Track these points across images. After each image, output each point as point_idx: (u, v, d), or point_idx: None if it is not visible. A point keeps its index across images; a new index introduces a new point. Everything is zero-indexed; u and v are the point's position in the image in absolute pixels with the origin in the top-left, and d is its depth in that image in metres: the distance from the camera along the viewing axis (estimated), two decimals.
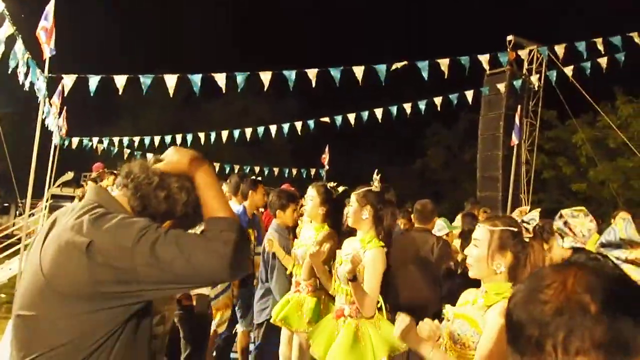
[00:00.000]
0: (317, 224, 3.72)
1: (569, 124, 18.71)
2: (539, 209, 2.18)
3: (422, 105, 10.76)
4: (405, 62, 8.80)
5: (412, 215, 5.43)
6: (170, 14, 34.70)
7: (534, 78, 12.45)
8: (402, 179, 24.21)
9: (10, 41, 6.42)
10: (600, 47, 9.67)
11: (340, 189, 3.87)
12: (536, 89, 12.87)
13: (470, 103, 10.90)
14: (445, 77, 8.89)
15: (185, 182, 1.48)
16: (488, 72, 11.95)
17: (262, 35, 39.56)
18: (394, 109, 10.89)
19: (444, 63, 8.96)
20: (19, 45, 6.69)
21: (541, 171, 19.52)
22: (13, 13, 6.26)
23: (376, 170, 3.05)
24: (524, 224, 2.00)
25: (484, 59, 9.53)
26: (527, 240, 1.97)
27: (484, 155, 12.80)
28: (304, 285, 3.65)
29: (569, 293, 0.76)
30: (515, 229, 1.99)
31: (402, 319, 1.99)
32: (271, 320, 3.80)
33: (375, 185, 2.97)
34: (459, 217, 5.40)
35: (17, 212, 17.77)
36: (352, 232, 3.15)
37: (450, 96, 10.57)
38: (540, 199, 19.19)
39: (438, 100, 10.67)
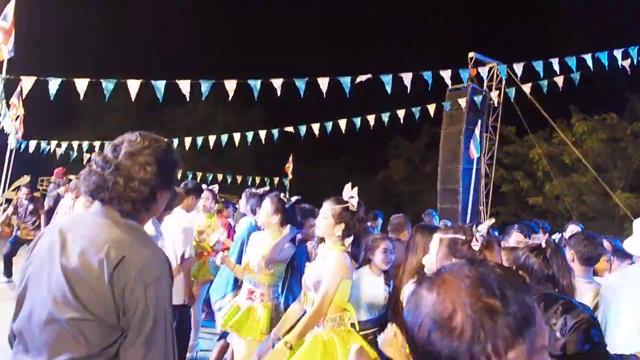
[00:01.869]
0: (273, 232, 3.76)
1: (527, 139, 19.32)
2: (492, 220, 2.25)
3: (385, 117, 10.94)
4: (369, 75, 8.95)
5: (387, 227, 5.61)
6: (135, 18, 34.14)
7: (494, 94, 12.84)
8: (364, 190, 24.35)
9: None
10: (556, 67, 10.07)
11: (293, 199, 3.93)
12: (496, 105, 13.25)
13: (433, 117, 11.17)
14: (409, 91, 9.09)
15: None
16: (450, 87, 12.27)
17: (227, 44, 39.40)
18: (357, 121, 11.03)
19: (407, 77, 9.16)
20: None
21: (500, 185, 20.10)
22: None
23: (350, 185, 2.99)
24: (476, 234, 2.06)
25: (446, 74, 9.79)
26: (476, 248, 2.03)
27: (444, 169, 13.09)
28: (257, 294, 3.67)
29: (473, 308, 0.79)
30: (464, 237, 2.05)
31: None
32: (220, 326, 3.82)
33: (352, 204, 2.93)
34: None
35: None
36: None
37: (413, 109, 10.79)
38: (498, 212, 19.70)
39: (401, 113, 10.87)
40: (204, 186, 5.39)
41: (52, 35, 26.40)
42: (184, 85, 7.80)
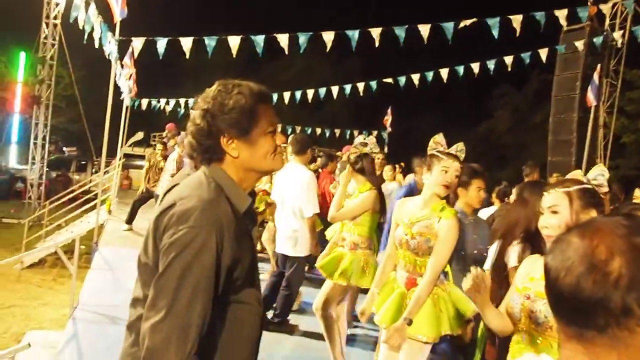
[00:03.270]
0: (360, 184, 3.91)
1: None
2: (601, 164, 2.07)
3: (491, 65, 10.27)
4: (474, 19, 8.37)
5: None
6: None
7: (617, 34, 11.55)
8: (466, 142, 23.48)
9: (85, 6, 6.65)
10: None
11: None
12: (619, 46, 11.96)
13: (545, 62, 10.28)
14: (518, 34, 8.39)
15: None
16: (565, 28, 11.18)
17: None
18: (460, 69, 10.46)
19: (516, 20, 8.45)
20: (92, 10, 6.92)
21: (620, 135, 18.33)
22: None
23: (440, 136, 2.83)
24: (593, 182, 1.92)
25: (562, 14, 8.89)
26: (603, 196, 1.90)
27: (557, 118, 12.10)
28: (348, 242, 3.84)
29: (632, 255, 0.77)
30: (591, 186, 1.90)
31: (474, 273, 1.96)
32: (316, 265, 4.07)
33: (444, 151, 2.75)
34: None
35: (93, 170, 18.82)
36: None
37: (522, 55, 10.00)
38: (618, 165, 18.11)
39: (509, 59, 10.13)
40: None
41: None
42: (283, 39, 7.81)
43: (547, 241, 1.90)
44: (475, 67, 10.36)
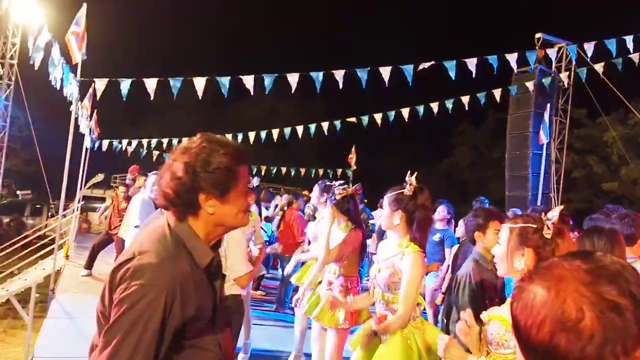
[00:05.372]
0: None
1: (600, 122, 18.32)
2: (561, 206, 2.19)
3: (449, 104, 10.66)
4: (432, 62, 8.73)
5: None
6: (197, 19, 35.08)
7: (564, 75, 12.21)
8: (429, 179, 24.06)
9: (47, 47, 6.59)
10: (630, 45, 9.46)
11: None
12: (565, 86, 12.63)
13: (499, 102, 10.76)
14: (473, 76, 8.79)
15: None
16: (516, 70, 11.78)
17: (289, 37, 39.69)
18: (420, 109, 10.81)
19: (471, 62, 8.86)
20: (56, 51, 6.86)
21: (571, 170, 19.14)
22: (50, 20, 6.44)
23: (409, 171, 2.90)
24: (546, 221, 1.99)
25: (512, 57, 9.38)
26: (548, 236, 1.96)
27: (512, 155, 12.60)
28: (336, 285, 3.73)
29: (600, 307, 0.76)
30: (535, 226, 1.99)
31: (442, 339, 2.04)
32: (304, 313, 3.97)
33: (408, 188, 2.85)
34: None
35: (49, 214, 18.18)
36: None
37: (478, 95, 10.45)
38: (570, 199, 18.82)
39: (465, 99, 10.56)
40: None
41: (122, 38, 27.57)
42: (248, 80, 7.92)
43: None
44: (435, 106, 10.74)
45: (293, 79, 8.10)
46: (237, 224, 1.58)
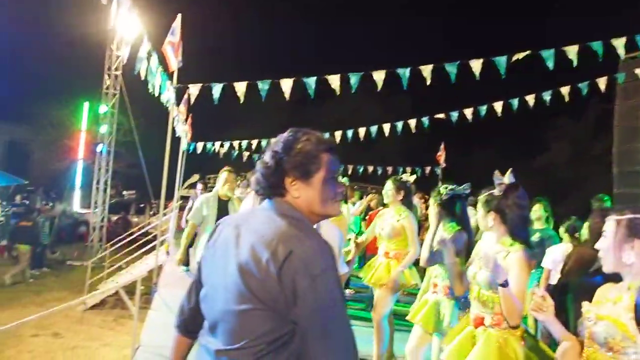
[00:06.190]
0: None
1: None
2: None
3: (547, 96, 10.02)
4: (528, 52, 8.23)
5: None
6: (282, 21, 35.93)
7: None
8: (522, 176, 22.84)
9: (147, 57, 7.01)
10: None
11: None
12: None
13: (603, 92, 9.93)
14: (575, 65, 8.17)
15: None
16: (623, 56, 10.84)
17: (376, 35, 39.54)
18: (515, 102, 10.26)
19: (572, 51, 8.24)
20: (154, 61, 7.28)
21: None
22: (149, 31, 6.84)
23: (497, 171, 2.86)
24: None
25: (619, 42, 8.61)
26: None
27: (621, 149, 11.62)
28: (441, 287, 3.65)
29: None
30: None
31: (535, 292, 2.01)
32: (407, 317, 3.87)
33: (498, 189, 2.76)
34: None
35: (151, 212, 19.43)
36: None
37: (579, 85, 9.72)
38: None
39: (565, 90, 9.87)
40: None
41: (213, 45, 28.86)
42: (334, 80, 7.92)
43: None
44: (530, 99, 10.14)
45: (379, 76, 7.99)
46: (326, 211, 1.63)
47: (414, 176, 4.76)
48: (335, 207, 1.66)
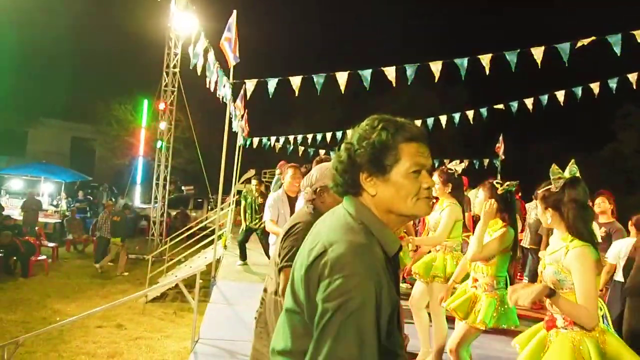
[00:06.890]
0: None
1: None
2: None
3: (613, 83, 9.48)
4: (593, 38, 7.81)
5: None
6: (338, 14, 35.86)
7: None
8: (587, 167, 21.84)
9: (204, 54, 7.16)
10: None
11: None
12: None
13: None
14: None
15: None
16: None
17: (430, 25, 38.79)
18: (578, 91, 9.77)
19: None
20: (211, 57, 7.42)
21: None
22: (204, 29, 6.98)
23: (554, 165, 2.73)
24: None
25: None
26: None
27: None
28: (481, 283, 3.59)
29: None
30: None
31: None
32: (443, 304, 3.87)
33: (555, 184, 2.64)
34: None
35: (209, 207, 19.92)
36: None
37: None
38: None
39: (633, 76, 9.30)
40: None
41: (268, 39, 29.20)
42: (390, 72, 7.81)
43: None
44: (595, 87, 9.63)
45: (436, 67, 7.80)
46: (410, 211, 1.41)
47: (463, 165, 4.56)
48: (422, 205, 1.41)
